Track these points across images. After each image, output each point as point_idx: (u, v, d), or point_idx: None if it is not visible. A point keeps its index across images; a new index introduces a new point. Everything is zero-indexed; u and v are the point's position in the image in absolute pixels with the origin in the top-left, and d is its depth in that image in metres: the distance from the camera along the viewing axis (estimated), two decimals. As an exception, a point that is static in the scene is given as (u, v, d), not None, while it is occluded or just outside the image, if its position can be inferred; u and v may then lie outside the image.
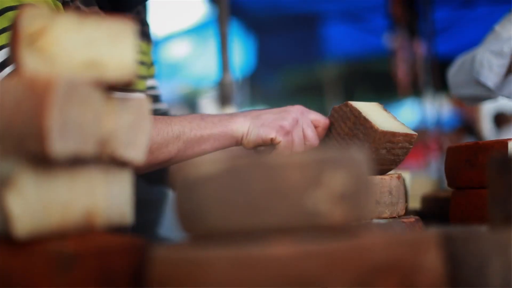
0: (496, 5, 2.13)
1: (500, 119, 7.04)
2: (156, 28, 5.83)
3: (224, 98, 2.26)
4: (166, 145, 1.25)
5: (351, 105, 1.28)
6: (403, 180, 1.52)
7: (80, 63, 0.79)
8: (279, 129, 1.28)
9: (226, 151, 1.36)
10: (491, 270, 0.74)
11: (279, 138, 1.29)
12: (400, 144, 1.26)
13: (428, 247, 0.67)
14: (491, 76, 2.09)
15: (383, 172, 1.28)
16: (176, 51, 6.12)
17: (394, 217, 1.27)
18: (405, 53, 4.85)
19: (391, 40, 5.03)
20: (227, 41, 2.18)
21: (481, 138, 6.69)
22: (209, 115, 1.31)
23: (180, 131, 1.27)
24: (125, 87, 0.83)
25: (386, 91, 7.80)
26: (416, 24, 4.80)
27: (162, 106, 1.67)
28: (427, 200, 1.73)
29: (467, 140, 6.68)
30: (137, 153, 0.87)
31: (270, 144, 1.30)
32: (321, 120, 1.34)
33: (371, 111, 1.28)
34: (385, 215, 1.24)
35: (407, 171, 1.88)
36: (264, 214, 0.65)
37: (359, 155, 0.69)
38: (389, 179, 1.25)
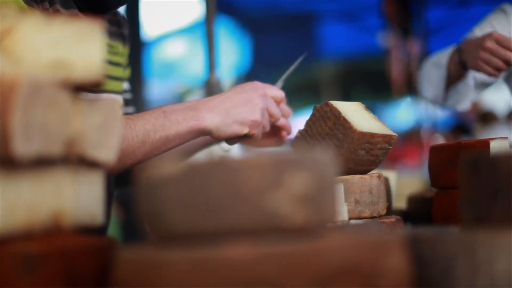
0: (491, 5, 2.14)
1: (487, 118, 7.04)
2: (152, 27, 5.82)
3: None
4: (132, 151, 1.23)
5: (331, 105, 1.27)
6: (384, 179, 1.52)
7: (47, 63, 0.78)
8: (251, 124, 1.30)
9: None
10: (458, 272, 0.73)
11: (252, 131, 1.31)
12: (379, 145, 1.25)
13: (391, 249, 0.67)
14: (430, 88, 2.11)
15: (362, 173, 1.28)
16: (172, 51, 6.12)
17: (375, 217, 1.26)
18: (400, 53, 4.85)
19: (385, 40, 5.02)
20: (213, 40, 2.17)
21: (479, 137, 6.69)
22: (172, 111, 1.27)
23: (145, 135, 1.24)
24: (94, 87, 0.83)
25: (383, 91, 7.80)
26: (409, 23, 4.79)
27: (131, 110, 1.65)
28: (413, 200, 1.72)
29: (463, 139, 6.66)
30: (107, 154, 0.86)
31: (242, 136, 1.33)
32: (279, 95, 1.39)
33: (352, 111, 1.28)
34: (365, 215, 1.24)
35: (394, 170, 1.88)
36: (223, 216, 0.64)
37: (323, 156, 0.69)
38: (369, 178, 1.25)
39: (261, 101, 1.31)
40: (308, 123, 1.32)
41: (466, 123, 7.93)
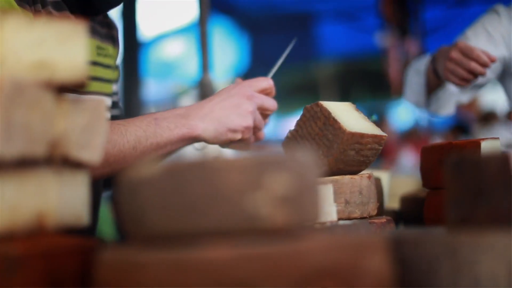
0: (489, 5, 2.14)
1: (488, 118, 7.03)
2: (149, 28, 5.82)
3: (204, 98, 2.26)
4: (123, 156, 1.23)
5: (321, 105, 1.27)
6: (376, 180, 1.52)
7: (29, 64, 0.78)
8: (244, 130, 1.31)
9: None
10: (441, 273, 0.73)
11: (245, 136, 1.33)
12: (369, 146, 1.25)
13: (371, 251, 0.67)
14: (411, 94, 2.12)
15: (353, 173, 1.28)
16: (169, 51, 6.12)
17: (365, 218, 1.26)
18: (398, 52, 4.85)
19: (383, 39, 5.02)
20: (207, 41, 2.17)
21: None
22: (163, 118, 1.28)
23: (136, 141, 1.25)
24: (77, 88, 0.82)
25: (382, 90, 7.80)
26: (407, 23, 4.79)
27: (117, 112, 1.65)
28: (405, 200, 1.72)
29: (463, 139, 6.66)
30: (92, 155, 0.86)
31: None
32: (266, 85, 1.38)
33: (342, 111, 1.28)
34: (355, 215, 1.24)
35: (388, 170, 1.88)
36: (203, 217, 0.64)
37: (304, 157, 0.69)
38: (359, 179, 1.25)
39: (250, 104, 1.31)
40: (298, 124, 1.31)
41: (465, 123, 7.93)
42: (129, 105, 3.71)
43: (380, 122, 5.86)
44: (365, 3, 5.36)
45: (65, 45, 0.80)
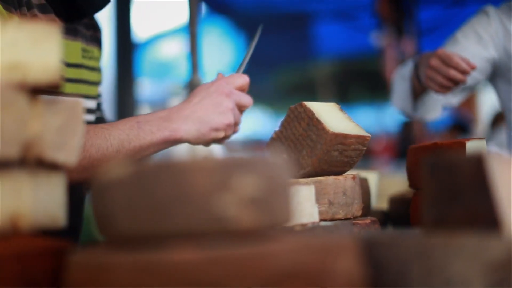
0: (486, 5, 2.13)
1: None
2: (146, 28, 5.82)
3: None
4: (107, 160, 1.24)
5: (305, 105, 1.27)
6: (362, 180, 1.52)
7: (2, 65, 0.78)
8: (227, 128, 1.32)
9: None
10: (413, 275, 0.73)
11: (228, 133, 1.35)
12: (353, 146, 1.25)
13: (341, 252, 0.67)
14: (398, 100, 2.13)
15: (337, 174, 1.27)
16: (166, 51, 6.12)
17: (350, 218, 1.26)
18: (394, 52, 4.84)
19: (378, 39, 5.02)
20: (196, 42, 2.18)
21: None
22: (146, 122, 1.29)
23: (119, 145, 1.26)
24: (51, 89, 0.82)
25: (380, 90, 7.80)
26: (403, 23, 4.79)
27: (99, 114, 1.65)
28: (394, 201, 1.72)
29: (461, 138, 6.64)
30: (68, 156, 0.86)
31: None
32: (243, 83, 1.39)
33: (326, 112, 1.27)
34: (339, 216, 1.23)
35: (376, 171, 1.87)
36: (170, 218, 0.64)
37: (273, 159, 0.68)
38: (343, 180, 1.24)
39: (229, 101, 1.32)
40: (283, 124, 1.31)
41: (464, 122, 7.92)
42: (123, 105, 3.71)
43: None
44: (362, 2, 5.36)
45: (39, 47, 0.80)
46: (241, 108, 1.37)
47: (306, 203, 1.11)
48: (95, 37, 1.57)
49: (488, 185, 0.75)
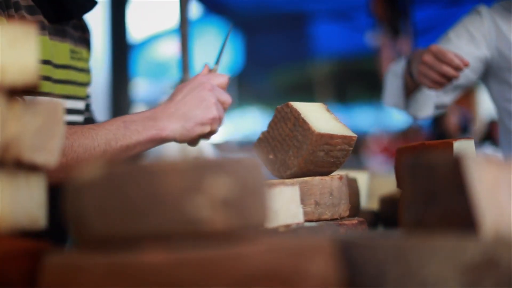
0: (486, 4, 2.13)
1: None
2: (143, 28, 5.82)
3: None
4: None
5: (291, 106, 1.27)
6: (351, 180, 1.51)
7: (-21, 66, 0.78)
8: (211, 122, 1.33)
9: None
10: (389, 277, 0.73)
11: (213, 128, 1.36)
12: (339, 147, 1.24)
13: (316, 254, 0.66)
14: (390, 97, 2.12)
15: (324, 174, 1.27)
16: (162, 51, 6.12)
17: (336, 219, 1.25)
18: (390, 52, 4.84)
19: (374, 39, 5.01)
20: (187, 42, 2.18)
21: (478, 136, 6.67)
22: (132, 121, 1.30)
23: (106, 144, 1.27)
24: (29, 91, 0.82)
25: (378, 89, 7.79)
26: (399, 22, 4.79)
27: (88, 115, 1.66)
28: (384, 201, 1.72)
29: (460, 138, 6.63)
30: (47, 157, 0.86)
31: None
32: (223, 81, 1.40)
33: (312, 112, 1.27)
34: (326, 217, 1.23)
35: (367, 171, 1.87)
36: (142, 220, 0.64)
37: (247, 160, 0.68)
38: (329, 180, 1.24)
39: (212, 96, 1.34)
40: (270, 125, 1.31)
41: (463, 122, 7.92)
42: (118, 105, 3.72)
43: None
44: (358, 2, 5.35)
45: (16, 48, 0.80)
46: (222, 105, 1.38)
47: (290, 204, 1.11)
48: (83, 38, 1.57)
49: (465, 186, 0.75)
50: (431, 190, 0.79)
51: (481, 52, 2.06)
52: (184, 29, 2.21)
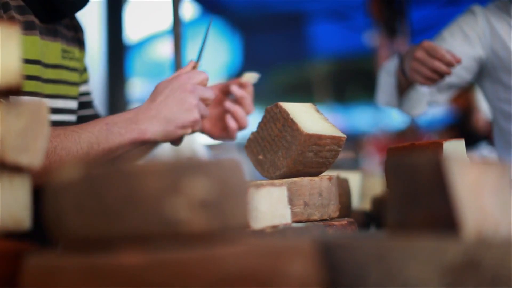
0: (482, 4, 2.13)
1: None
2: (141, 28, 5.82)
3: None
4: None
5: (280, 106, 1.27)
6: (342, 181, 1.51)
7: (-39, 67, 0.78)
8: (193, 125, 1.34)
9: None
10: (371, 279, 0.72)
11: (195, 129, 1.37)
12: (328, 147, 1.24)
13: (294, 256, 0.66)
14: (382, 94, 2.12)
15: (313, 175, 1.27)
16: (158, 51, 6.12)
17: (326, 220, 1.25)
18: (387, 52, 4.84)
19: (372, 39, 5.01)
20: (180, 42, 2.18)
21: (475, 136, 6.65)
22: (114, 124, 1.30)
23: (89, 147, 1.27)
24: (12, 92, 0.82)
25: (375, 89, 7.78)
26: (396, 22, 4.78)
27: (90, 112, 1.67)
28: (376, 201, 1.72)
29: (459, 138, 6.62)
30: (31, 158, 0.85)
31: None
32: (204, 78, 1.39)
33: (301, 112, 1.27)
34: (315, 217, 1.23)
35: (360, 171, 1.87)
36: (120, 222, 0.64)
37: (227, 161, 0.68)
38: (319, 181, 1.24)
39: (193, 98, 1.34)
40: (260, 125, 1.31)
41: (463, 121, 7.90)
42: (114, 105, 3.72)
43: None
44: (355, 2, 5.35)
45: (-2, 49, 0.79)
46: (205, 102, 1.38)
47: (277, 205, 1.11)
48: (76, 38, 1.57)
49: (447, 187, 0.75)
50: (414, 191, 0.79)
51: (476, 52, 2.06)
52: (177, 30, 2.20)
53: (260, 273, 0.62)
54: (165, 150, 1.81)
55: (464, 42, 2.07)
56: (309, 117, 1.27)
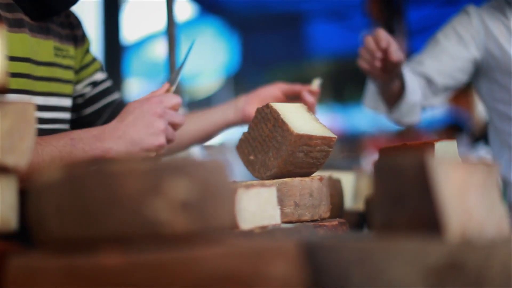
0: (478, 4, 2.12)
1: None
2: (138, 28, 5.82)
3: None
4: None
5: (271, 106, 1.26)
6: (334, 181, 1.51)
7: None
8: (158, 148, 1.34)
9: None
10: (354, 280, 0.72)
11: (159, 152, 1.36)
12: (318, 147, 1.24)
13: (276, 257, 0.66)
14: (367, 100, 2.11)
15: (304, 175, 1.27)
16: (158, 51, 6.12)
17: (316, 220, 1.25)
18: (385, 52, 4.82)
19: (369, 39, 5.00)
20: (174, 43, 2.17)
21: (476, 136, 6.65)
22: (79, 139, 1.30)
23: (51, 161, 1.27)
24: (-2, 92, 0.82)
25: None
26: (394, 22, 4.78)
27: (115, 96, 1.70)
28: (369, 202, 1.71)
29: (458, 138, 6.63)
30: (18, 158, 0.86)
31: None
32: (176, 102, 1.38)
33: (292, 112, 1.27)
34: (306, 218, 1.23)
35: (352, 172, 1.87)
36: (101, 223, 0.63)
37: (209, 162, 0.68)
38: (309, 181, 1.24)
39: (162, 122, 1.33)
40: (250, 125, 1.31)
41: (460, 121, 7.91)
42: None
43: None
44: (353, 2, 5.34)
45: (-18, 49, 0.79)
46: (174, 127, 1.38)
47: (267, 205, 1.11)
48: (72, 36, 1.57)
49: (431, 189, 0.75)
50: (399, 193, 0.79)
51: (470, 53, 2.06)
52: (171, 30, 2.20)
53: (241, 274, 0.62)
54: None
55: (459, 44, 2.07)
56: (300, 118, 1.27)
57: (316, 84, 1.75)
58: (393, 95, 2.01)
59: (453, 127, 7.81)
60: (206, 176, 0.67)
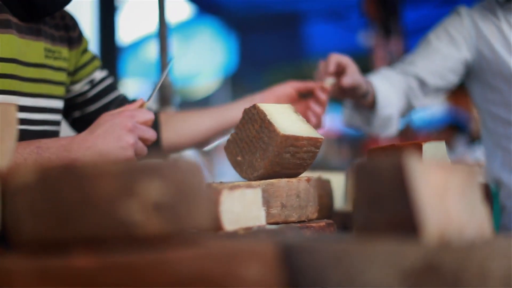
0: (474, 4, 2.12)
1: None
2: (134, 29, 5.82)
3: (163, 100, 2.31)
4: None
5: (258, 107, 1.26)
6: (323, 182, 1.51)
7: None
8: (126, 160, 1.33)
9: None
10: (330, 282, 0.72)
11: None
12: (305, 148, 1.24)
13: (251, 259, 0.66)
14: (345, 117, 2.09)
15: (291, 176, 1.27)
16: (152, 52, 6.12)
17: (304, 221, 1.25)
18: (383, 52, 4.83)
19: (367, 39, 5.01)
20: (166, 43, 2.17)
21: (474, 137, 6.65)
22: (47, 148, 1.29)
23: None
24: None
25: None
26: (391, 22, 4.78)
27: (118, 92, 1.71)
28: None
29: (457, 138, 6.63)
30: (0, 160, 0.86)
31: None
32: (149, 118, 1.38)
33: (279, 113, 1.27)
34: (293, 219, 1.23)
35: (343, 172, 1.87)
36: (74, 224, 0.63)
37: (183, 164, 0.68)
38: (296, 182, 1.24)
39: (131, 137, 1.33)
40: (238, 126, 1.31)
41: (460, 121, 7.91)
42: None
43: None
44: (351, 2, 5.34)
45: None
46: (145, 142, 1.38)
47: (251, 206, 1.11)
48: (67, 38, 1.57)
49: (408, 190, 0.75)
50: (378, 194, 0.79)
51: (462, 54, 2.05)
52: (162, 31, 2.20)
53: (214, 276, 0.62)
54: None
55: (451, 45, 2.06)
56: (287, 118, 1.27)
57: (329, 82, 1.80)
58: (368, 109, 2.00)
59: (453, 127, 7.80)
60: (180, 178, 0.67)
